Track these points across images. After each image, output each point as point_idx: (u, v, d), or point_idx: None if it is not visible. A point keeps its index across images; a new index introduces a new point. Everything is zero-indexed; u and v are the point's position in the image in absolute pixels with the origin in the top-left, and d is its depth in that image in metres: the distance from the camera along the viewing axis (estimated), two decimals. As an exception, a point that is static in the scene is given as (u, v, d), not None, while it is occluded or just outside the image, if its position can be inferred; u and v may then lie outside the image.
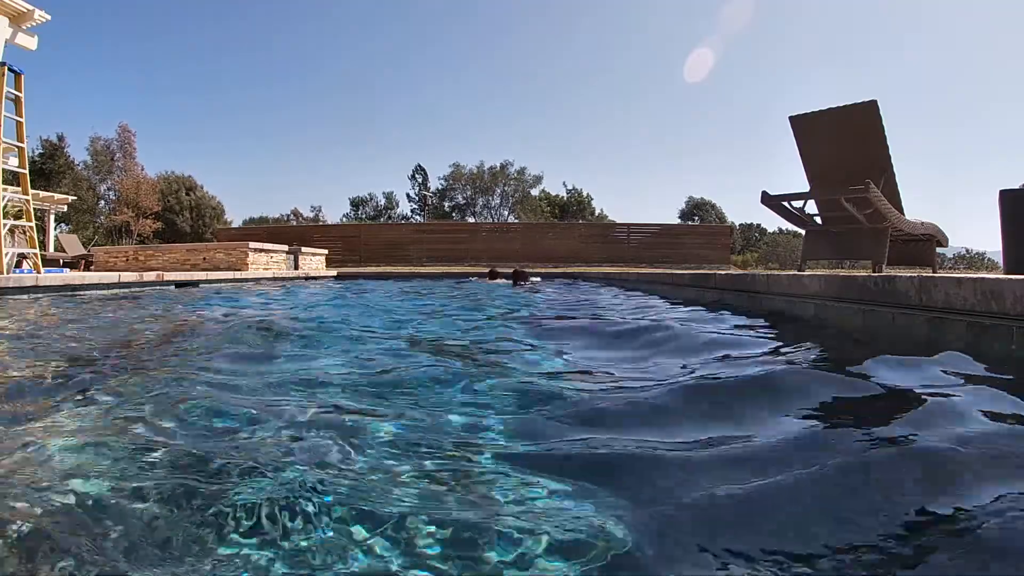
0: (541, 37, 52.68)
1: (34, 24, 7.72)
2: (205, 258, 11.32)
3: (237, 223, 33.57)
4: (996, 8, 44.48)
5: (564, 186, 37.66)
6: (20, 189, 7.07)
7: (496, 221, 33.85)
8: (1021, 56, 49.19)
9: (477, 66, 52.93)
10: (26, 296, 5.72)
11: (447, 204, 37.25)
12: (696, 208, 37.03)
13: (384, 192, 38.36)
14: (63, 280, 6.51)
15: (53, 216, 17.30)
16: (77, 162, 29.82)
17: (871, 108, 4.97)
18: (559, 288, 8.51)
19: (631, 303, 5.41)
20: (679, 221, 34.85)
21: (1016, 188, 4.71)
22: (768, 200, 5.36)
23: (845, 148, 5.31)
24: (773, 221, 37.82)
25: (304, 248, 13.64)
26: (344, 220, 36.31)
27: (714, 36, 55.29)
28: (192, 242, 20.16)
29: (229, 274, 9.74)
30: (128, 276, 7.57)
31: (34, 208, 7.29)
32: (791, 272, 4.69)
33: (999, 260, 5.04)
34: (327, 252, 15.44)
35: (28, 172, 7.20)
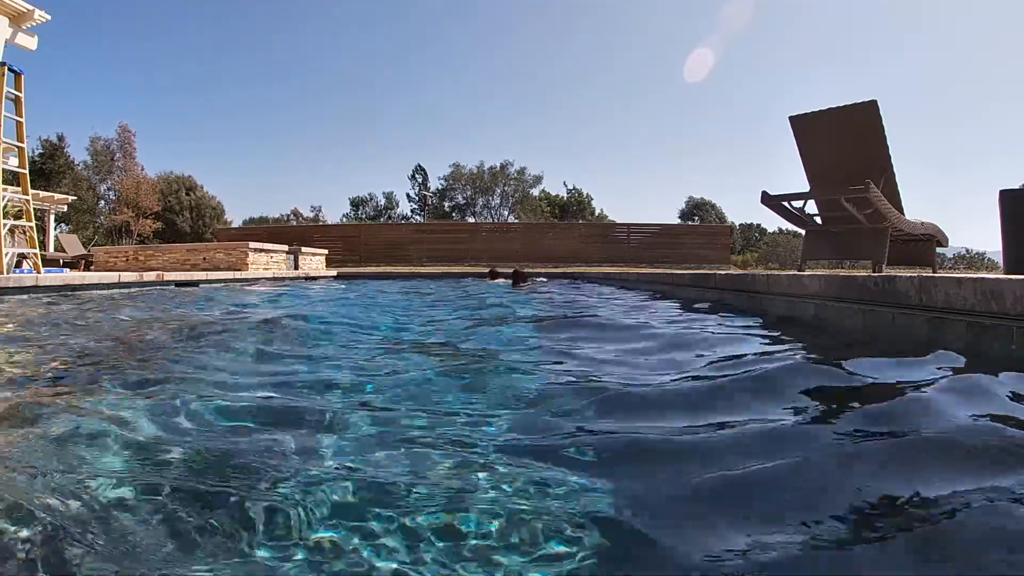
0: (541, 37, 52.70)
1: (34, 24, 7.72)
2: (205, 258, 11.32)
3: (237, 223, 33.60)
4: (996, 8, 44.50)
5: (564, 186, 37.73)
6: (20, 189, 7.07)
7: (496, 221, 33.85)
8: (1021, 56, 49.23)
9: (477, 66, 52.97)
10: (26, 296, 5.72)
11: (447, 204, 37.25)
12: (696, 208, 37.03)
13: (384, 192, 38.42)
14: (63, 280, 6.51)
15: (53, 216, 17.30)
16: (77, 162, 29.86)
17: (871, 108, 4.98)
18: (559, 288, 8.50)
19: (631, 303, 5.40)
20: (679, 221, 34.85)
21: (1016, 188, 4.71)
22: (768, 200, 5.36)
23: (845, 148, 5.31)
24: (773, 221, 37.86)
25: (304, 248, 13.63)
26: (344, 220, 36.33)
27: (714, 36, 55.28)
28: (192, 242, 20.15)
29: (229, 274, 9.73)
30: (128, 276, 7.57)
31: (34, 208, 7.29)
32: (791, 272, 4.69)
33: (999, 260, 5.04)
34: (327, 252, 15.43)
35: (28, 172, 7.20)
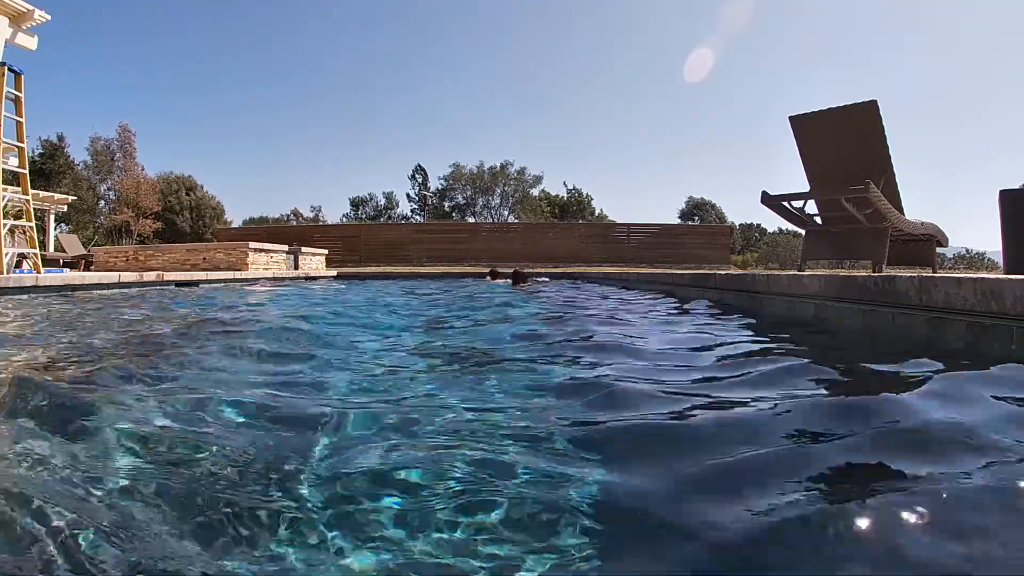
0: (541, 37, 52.75)
1: (34, 24, 7.72)
2: (205, 258, 11.32)
3: (237, 223, 33.60)
4: (996, 8, 44.51)
5: (564, 186, 37.73)
6: (20, 189, 7.07)
7: (496, 221, 33.84)
8: (1021, 56, 49.23)
9: (477, 66, 52.99)
10: (26, 296, 5.72)
11: (447, 204, 37.24)
12: (696, 208, 37.02)
13: (384, 192, 38.42)
14: (63, 280, 6.51)
15: (53, 216, 17.30)
16: (77, 162, 29.87)
17: (871, 108, 4.98)
18: (560, 288, 8.50)
19: (630, 302, 5.40)
20: (679, 221, 34.85)
21: (1016, 188, 4.71)
22: (768, 200, 5.36)
23: (845, 148, 5.31)
24: (773, 221, 37.84)
25: (304, 248, 13.63)
26: (344, 220, 36.33)
27: (714, 36, 55.33)
28: (192, 242, 20.15)
29: (229, 274, 9.74)
30: (128, 276, 7.57)
31: (34, 208, 7.29)
32: (791, 272, 4.69)
33: (999, 260, 5.04)
34: (327, 252, 15.44)
35: (28, 172, 7.21)
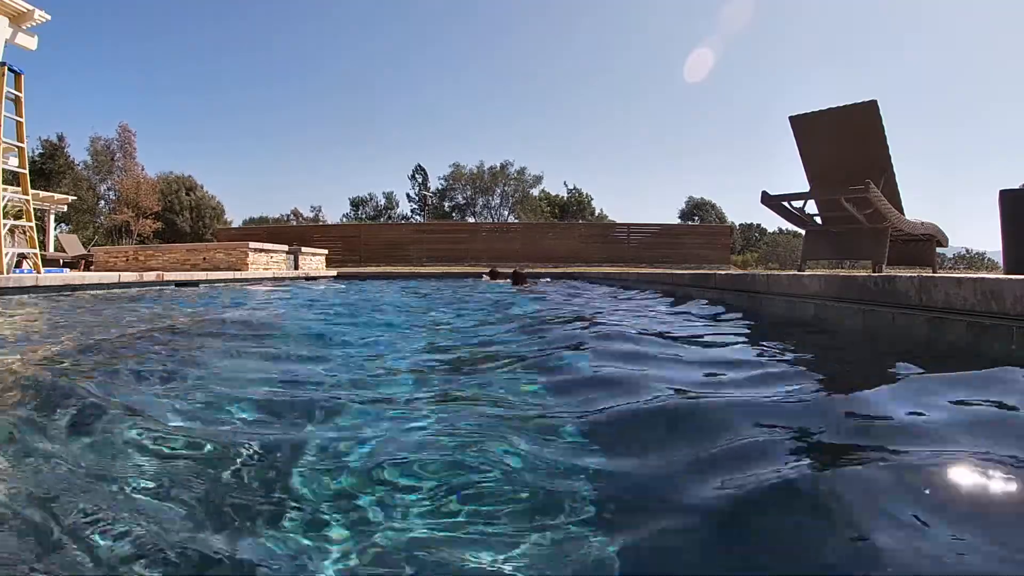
0: (541, 37, 52.79)
1: (34, 24, 7.72)
2: (205, 258, 11.32)
3: (237, 223, 33.61)
4: (996, 8, 44.54)
5: (564, 186, 37.75)
6: (20, 189, 7.07)
7: (496, 221, 33.85)
8: (1021, 56, 49.24)
9: (477, 66, 53.04)
10: (26, 296, 5.72)
11: (447, 204, 37.24)
12: (696, 208, 37.02)
13: (384, 192, 38.44)
14: (63, 280, 6.51)
15: (53, 216, 17.30)
16: (77, 162, 29.88)
17: (871, 108, 4.97)
18: (560, 288, 8.51)
19: (631, 303, 5.40)
20: (679, 221, 34.85)
21: (1016, 188, 4.71)
22: (768, 200, 5.36)
23: (845, 148, 5.31)
24: (773, 221, 37.88)
25: (304, 248, 13.64)
26: (344, 220, 36.34)
27: (714, 36, 55.38)
28: (192, 242, 20.16)
29: (229, 274, 9.74)
30: (128, 276, 7.57)
31: (34, 208, 7.29)
32: (791, 272, 4.69)
33: (999, 260, 5.04)
34: (327, 252, 15.44)
35: (28, 172, 7.21)
